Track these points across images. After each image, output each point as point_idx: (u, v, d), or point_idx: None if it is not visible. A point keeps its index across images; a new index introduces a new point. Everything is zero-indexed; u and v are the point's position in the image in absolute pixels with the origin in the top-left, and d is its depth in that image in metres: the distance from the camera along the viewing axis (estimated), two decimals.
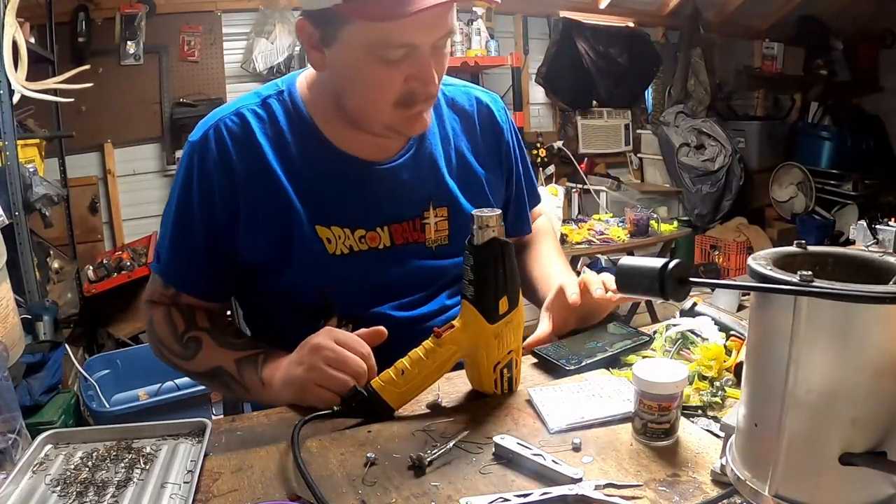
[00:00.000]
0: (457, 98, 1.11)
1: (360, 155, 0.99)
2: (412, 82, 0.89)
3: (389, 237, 1.00)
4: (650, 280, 0.60)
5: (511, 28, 4.36)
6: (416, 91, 0.90)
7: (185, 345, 0.96)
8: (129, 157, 3.50)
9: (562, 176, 4.41)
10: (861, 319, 0.49)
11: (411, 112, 0.93)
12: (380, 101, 0.91)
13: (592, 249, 3.19)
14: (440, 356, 0.85)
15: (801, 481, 0.53)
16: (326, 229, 0.96)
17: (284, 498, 0.69)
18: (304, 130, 0.97)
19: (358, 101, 0.94)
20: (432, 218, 1.02)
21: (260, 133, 0.96)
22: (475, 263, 0.84)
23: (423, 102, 0.92)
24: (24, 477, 0.74)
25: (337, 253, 0.97)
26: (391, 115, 0.92)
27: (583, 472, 0.70)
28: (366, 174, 0.98)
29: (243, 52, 3.63)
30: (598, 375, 0.96)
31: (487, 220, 0.83)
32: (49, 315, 2.27)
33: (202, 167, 0.95)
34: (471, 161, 1.09)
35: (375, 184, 0.99)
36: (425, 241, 1.03)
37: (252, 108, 0.98)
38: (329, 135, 0.98)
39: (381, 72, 0.88)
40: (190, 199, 0.95)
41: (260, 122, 0.97)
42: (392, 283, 1.00)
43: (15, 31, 2.21)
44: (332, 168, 0.97)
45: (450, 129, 1.08)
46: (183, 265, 0.98)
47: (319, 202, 0.96)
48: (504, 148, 1.14)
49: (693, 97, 4.84)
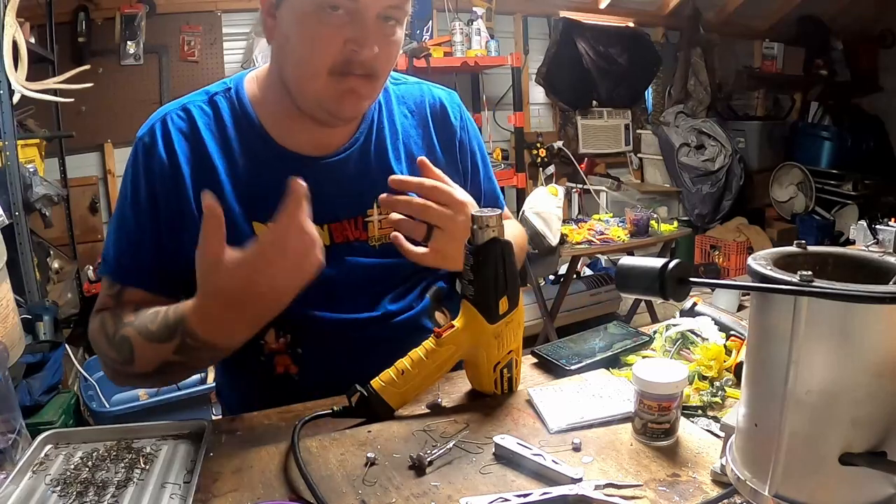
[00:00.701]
0: (408, 94, 1.09)
1: (301, 150, 0.97)
2: (350, 46, 0.86)
3: (329, 236, 0.97)
4: (650, 280, 0.60)
5: (511, 28, 4.36)
6: (351, 58, 0.87)
7: (118, 348, 0.88)
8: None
9: (562, 176, 4.42)
10: (861, 319, 0.49)
11: (344, 85, 0.88)
12: (315, 62, 0.87)
13: (592, 249, 3.19)
14: (440, 356, 0.85)
15: (801, 481, 0.53)
16: (263, 226, 0.93)
17: (284, 498, 0.69)
18: (247, 127, 0.97)
19: (294, 66, 0.91)
20: (376, 215, 0.99)
21: (204, 128, 0.95)
22: (475, 263, 0.84)
23: (358, 77, 0.88)
24: (24, 477, 0.74)
25: None
26: (324, 85, 0.88)
27: (583, 472, 0.70)
28: (306, 170, 0.89)
29: (243, 52, 3.63)
30: (598, 375, 0.96)
31: (488, 221, 0.83)
32: (49, 315, 2.27)
33: (147, 159, 0.93)
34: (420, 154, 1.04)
35: (316, 180, 0.89)
36: (367, 240, 0.99)
37: (198, 104, 0.97)
38: (272, 131, 0.97)
39: (320, 30, 0.85)
40: (137, 192, 0.94)
41: (205, 118, 0.96)
42: (331, 284, 0.94)
43: (15, 31, 2.21)
44: (271, 164, 0.95)
45: (399, 125, 1.05)
46: (127, 256, 0.94)
47: (258, 198, 0.93)
48: (460, 146, 1.10)
49: (693, 97, 4.85)
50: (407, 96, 1.08)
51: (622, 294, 0.82)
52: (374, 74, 0.90)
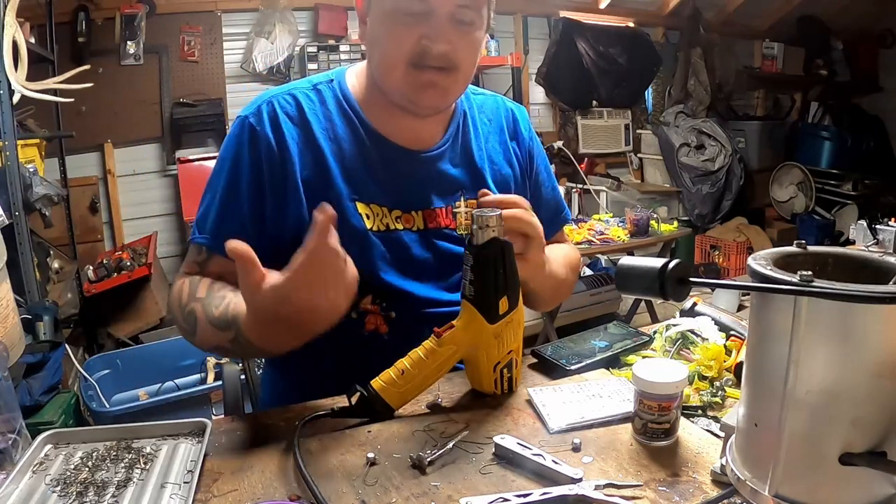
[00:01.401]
0: (486, 104, 1.19)
1: (400, 142, 1.06)
2: (424, 41, 0.95)
3: (423, 221, 1.06)
4: (650, 280, 0.60)
5: (511, 28, 4.36)
6: (426, 51, 0.95)
7: (186, 318, 0.95)
8: (129, 157, 3.50)
9: (562, 176, 4.41)
10: (861, 319, 0.49)
11: (423, 77, 0.97)
12: (394, 56, 0.97)
13: (592, 249, 3.19)
14: (440, 356, 0.85)
15: (801, 481, 0.53)
16: (366, 206, 1.02)
17: (284, 498, 0.69)
18: (350, 115, 1.05)
19: (378, 61, 1.01)
20: (463, 208, 1.07)
21: (310, 112, 1.03)
22: (475, 263, 0.84)
23: (435, 70, 0.97)
24: (24, 477, 0.74)
25: (374, 228, 1.02)
26: (403, 76, 0.97)
27: (583, 472, 0.70)
28: (405, 160, 1.05)
29: (243, 52, 3.63)
30: (598, 375, 0.96)
31: (488, 220, 0.83)
32: (49, 315, 2.27)
33: (253, 137, 1.00)
34: (500, 160, 1.15)
35: (413, 170, 1.05)
36: (456, 229, 1.07)
37: (304, 91, 1.06)
38: (373, 121, 1.05)
39: (398, 30, 0.96)
40: (239, 166, 1.00)
41: (310, 103, 1.04)
42: (423, 262, 1.04)
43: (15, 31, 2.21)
44: (374, 151, 1.04)
45: (482, 129, 1.15)
46: (227, 227, 0.98)
47: (361, 180, 1.02)
48: (528, 153, 1.20)
49: (693, 97, 4.85)
50: (485, 106, 1.18)
51: (622, 294, 0.83)
52: (451, 67, 0.98)
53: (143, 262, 2.99)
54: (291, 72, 3.62)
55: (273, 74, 3.61)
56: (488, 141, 1.15)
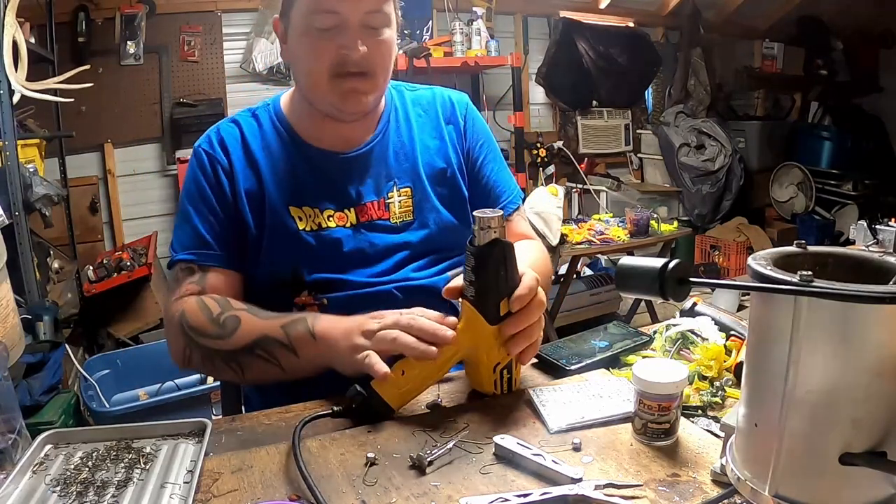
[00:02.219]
0: (422, 97, 1.26)
1: (329, 147, 1.15)
2: (342, 51, 1.03)
3: (356, 216, 1.13)
4: (650, 280, 0.60)
5: (511, 28, 4.36)
6: (344, 60, 1.03)
7: (221, 325, 0.99)
8: (129, 157, 3.50)
9: (562, 176, 4.42)
10: (861, 319, 0.49)
11: (345, 85, 1.05)
12: (317, 68, 1.05)
13: (592, 249, 3.19)
14: (440, 357, 0.85)
15: (801, 481, 0.53)
16: (298, 209, 1.10)
17: (284, 498, 0.69)
18: (282, 131, 1.16)
19: (304, 77, 1.10)
20: (396, 197, 1.15)
21: (249, 134, 1.15)
22: (476, 264, 0.84)
23: (355, 77, 1.05)
24: (24, 477, 0.74)
25: (307, 229, 1.10)
26: (328, 87, 1.06)
27: (583, 472, 0.70)
28: (332, 163, 1.14)
29: (243, 52, 3.63)
30: (598, 375, 0.96)
31: (489, 222, 0.83)
32: (49, 315, 2.27)
33: (210, 157, 1.12)
34: (434, 149, 1.21)
35: (341, 171, 1.14)
36: (389, 217, 1.14)
37: (245, 118, 1.18)
38: (302, 133, 1.15)
39: (315, 42, 1.04)
40: (201, 185, 1.11)
41: (250, 128, 1.16)
42: (354, 253, 1.11)
43: (15, 31, 2.21)
44: (304, 160, 1.13)
45: (415, 122, 1.22)
46: (206, 238, 1.09)
47: (292, 187, 1.11)
48: (468, 139, 1.25)
49: (693, 97, 4.85)
50: (420, 99, 1.26)
51: (622, 294, 0.83)
52: (369, 72, 1.06)
53: (143, 262, 2.99)
54: (291, 72, 3.62)
55: (273, 74, 3.61)
56: (423, 131, 1.21)
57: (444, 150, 1.21)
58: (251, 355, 0.97)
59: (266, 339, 0.96)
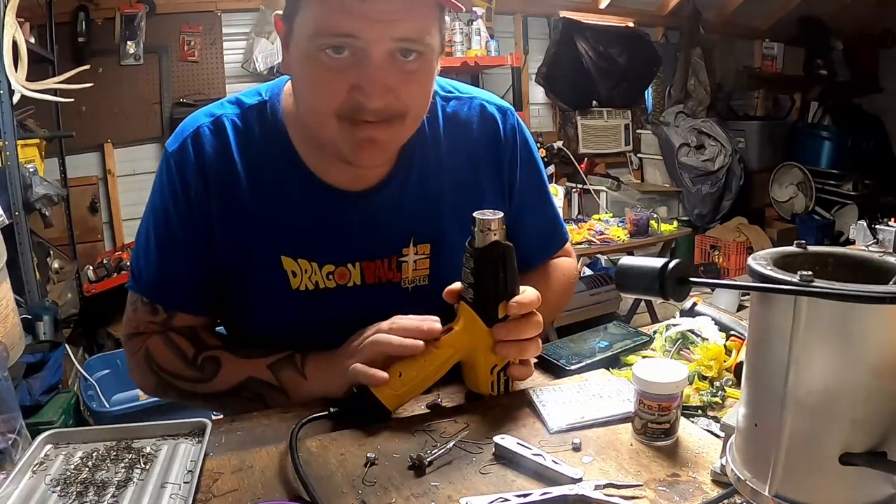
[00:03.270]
0: (458, 112, 0.99)
1: (336, 182, 0.90)
2: (357, 95, 0.77)
3: (360, 275, 0.92)
4: (650, 280, 0.60)
5: (511, 28, 4.36)
6: (359, 106, 0.77)
7: (200, 367, 0.89)
8: (129, 157, 3.50)
9: (562, 176, 4.41)
10: (861, 319, 0.49)
11: (357, 134, 0.80)
12: (322, 109, 0.80)
13: (592, 249, 3.19)
14: (438, 359, 0.85)
15: (801, 481, 0.53)
16: (292, 261, 0.90)
17: (284, 498, 0.69)
18: (280, 151, 0.90)
19: (305, 108, 0.85)
20: (411, 255, 0.94)
21: (235, 146, 0.89)
22: (475, 266, 0.84)
23: (370, 125, 0.79)
24: (24, 477, 0.74)
25: (301, 288, 0.90)
26: (336, 132, 0.80)
27: (583, 472, 0.70)
28: (340, 204, 0.90)
29: (243, 52, 3.63)
30: (598, 375, 0.95)
31: (489, 223, 0.83)
32: (49, 315, 2.27)
33: (181, 176, 0.89)
34: (467, 183, 0.97)
35: (350, 215, 0.90)
36: (400, 282, 0.95)
37: (231, 118, 0.91)
38: (305, 156, 0.90)
39: (324, 75, 0.77)
40: (170, 210, 0.90)
41: (237, 135, 0.90)
42: (354, 322, 0.88)
43: (15, 31, 2.21)
44: (303, 195, 0.89)
45: (445, 152, 0.96)
46: (172, 279, 0.91)
47: (287, 232, 0.89)
48: (505, 160, 1.01)
49: (693, 97, 4.85)
50: (457, 115, 0.98)
51: (622, 294, 0.82)
52: (394, 118, 0.81)
53: None
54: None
55: (273, 74, 3.60)
56: (454, 164, 0.96)
57: (478, 178, 0.98)
58: (236, 396, 0.90)
59: (253, 382, 0.88)
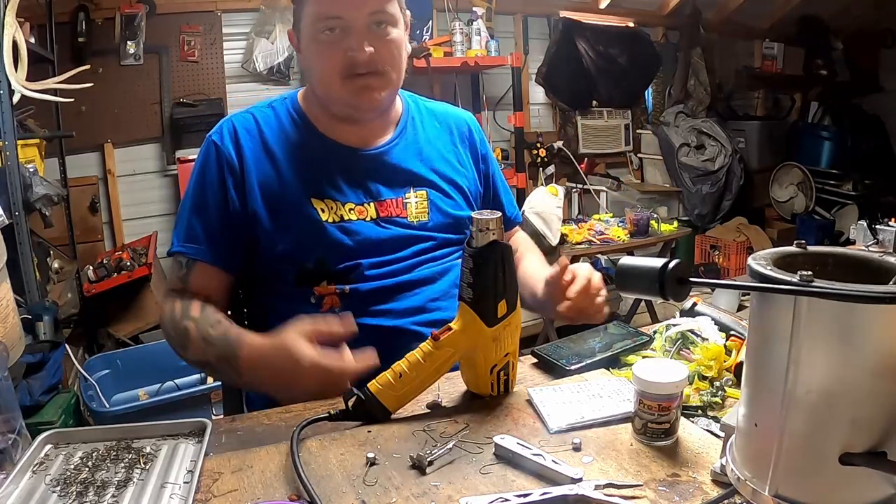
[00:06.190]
0: (436, 109, 1.32)
1: (348, 143, 1.18)
2: (349, 53, 1.07)
3: (376, 211, 1.16)
4: (650, 280, 0.60)
5: (511, 28, 4.35)
6: (354, 61, 1.08)
7: (180, 335, 1.05)
8: (129, 157, 3.49)
9: (562, 176, 4.41)
10: (861, 319, 0.49)
11: (357, 83, 1.10)
12: (329, 73, 1.10)
13: (592, 249, 3.19)
14: (437, 359, 0.85)
15: (801, 481, 0.53)
16: (321, 201, 1.13)
17: (284, 498, 0.69)
18: (301, 125, 1.18)
19: (318, 82, 1.15)
20: (413, 198, 1.19)
21: (265, 125, 1.17)
22: (474, 266, 0.84)
23: (365, 76, 1.09)
24: (24, 477, 0.74)
25: (329, 220, 1.13)
26: (341, 88, 1.11)
27: (583, 472, 0.70)
28: (354, 158, 1.17)
29: (243, 52, 3.62)
30: (598, 375, 0.96)
31: (487, 223, 0.83)
32: (49, 315, 2.26)
33: (218, 151, 1.13)
34: (448, 158, 1.26)
35: (362, 166, 1.17)
36: (406, 216, 1.18)
37: (261, 109, 1.20)
38: (321, 128, 1.18)
39: (326, 50, 1.09)
40: (204, 179, 1.13)
41: (266, 118, 1.18)
42: (374, 242, 1.14)
43: (15, 31, 2.21)
44: (324, 153, 1.16)
45: (430, 130, 1.27)
46: (199, 233, 1.12)
47: (315, 179, 1.14)
48: (479, 155, 1.33)
49: (693, 97, 4.84)
50: (435, 110, 1.32)
51: (622, 294, 0.83)
52: (379, 70, 1.10)
53: (143, 262, 2.98)
54: (291, 72, 3.62)
55: (273, 74, 3.60)
56: (438, 141, 1.27)
57: (460, 167, 1.26)
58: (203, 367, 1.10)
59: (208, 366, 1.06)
